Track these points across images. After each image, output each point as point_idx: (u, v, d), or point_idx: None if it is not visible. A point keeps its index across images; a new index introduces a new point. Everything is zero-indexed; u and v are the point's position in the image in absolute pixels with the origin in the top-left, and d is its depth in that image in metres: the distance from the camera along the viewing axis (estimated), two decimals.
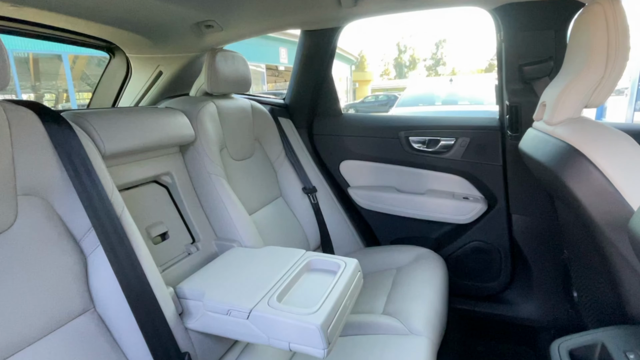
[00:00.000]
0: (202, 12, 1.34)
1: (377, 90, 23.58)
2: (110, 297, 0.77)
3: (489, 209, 1.57)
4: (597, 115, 6.67)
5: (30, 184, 0.72)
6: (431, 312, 1.12)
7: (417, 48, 49.13)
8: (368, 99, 16.34)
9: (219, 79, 1.30)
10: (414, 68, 41.11)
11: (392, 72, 41.84)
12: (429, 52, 42.44)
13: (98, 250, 0.77)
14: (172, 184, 1.14)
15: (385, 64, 43.05)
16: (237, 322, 0.81)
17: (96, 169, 0.80)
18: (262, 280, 0.90)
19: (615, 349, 0.73)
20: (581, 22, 0.93)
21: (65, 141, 0.77)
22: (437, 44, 41.02)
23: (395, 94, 16.18)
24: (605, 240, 0.79)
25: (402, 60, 41.06)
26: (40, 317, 0.67)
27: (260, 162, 1.51)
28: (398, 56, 41.26)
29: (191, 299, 0.88)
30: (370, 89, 25.75)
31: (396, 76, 40.82)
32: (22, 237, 0.69)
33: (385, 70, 42.39)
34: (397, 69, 41.30)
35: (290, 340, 0.76)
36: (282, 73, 18.19)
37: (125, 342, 0.77)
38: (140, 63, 1.68)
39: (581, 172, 0.79)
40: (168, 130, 1.08)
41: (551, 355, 0.81)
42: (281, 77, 18.41)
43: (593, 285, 1.02)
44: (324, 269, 0.99)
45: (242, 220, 1.18)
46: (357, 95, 24.12)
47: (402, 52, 40.84)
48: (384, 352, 0.97)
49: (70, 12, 1.24)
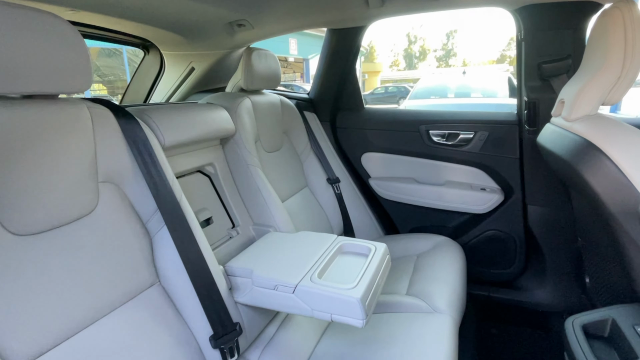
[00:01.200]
0: (235, 12, 1.43)
1: (386, 82, 23.41)
2: (173, 272, 0.88)
3: (505, 199, 1.64)
4: (612, 107, 6.62)
5: (108, 172, 0.82)
6: (452, 293, 1.21)
7: (427, 38, 48.42)
8: (377, 90, 16.27)
9: (254, 76, 1.39)
10: (424, 59, 40.63)
11: (401, 63, 41.41)
12: (439, 42, 41.83)
13: (163, 231, 0.87)
14: (214, 173, 1.24)
15: (395, 55, 42.60)
16: (284, 296, 0.91)
17: (159, 159, 0.90)
18: (302, 260, 1.00)
19: (624, 323, 0.82)
20: (600, 24, 0.99)
21: (134, 134, 0.87)
22: (448, 34, 40.34)
23: (404, 85, 16.07)
24: (618, 227, 0.87)
25: (412, 51, 40.59)
26: (118, 288, 0.78)
27: (288, 154, 1.60)
28: (408, 47, 40.77)
29: (240, 276, 0.98)
30: (379, 80, 25.57)
31: (405, 67, 40.40)
32: (103, 219, 0.79)
33: (395, 61, 41.96)
34: (407, 60, 40.85)
35: (332, 311, 0.86)
36: (290, 64, 18.19)
37: (186, 312, 0.88)
38: (174, 59, 1.78)
39: (597, 165, 0.87)
40: (213, 124, 1.17)
41: (566, 330, 0.90)
42: (290, 68, 18.40)
43: (605, 270, 1.10)
44: (356, 252, 1.08)
45: (277, 207, 1.27)
46: (367, 87, 24.00)
47: (412, 43, 40.33)
48: (411, 327, 1.07)
49: (116, 13, 1.34)
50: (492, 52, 50.64)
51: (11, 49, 0.61)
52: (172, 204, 0.89)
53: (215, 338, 0.88)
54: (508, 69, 16.65)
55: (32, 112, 0.69)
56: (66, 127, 0.74)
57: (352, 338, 1.09)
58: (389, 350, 0.99)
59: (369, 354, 0.99)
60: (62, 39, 0.69)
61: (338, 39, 1.73)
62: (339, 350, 1.05)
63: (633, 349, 0.75)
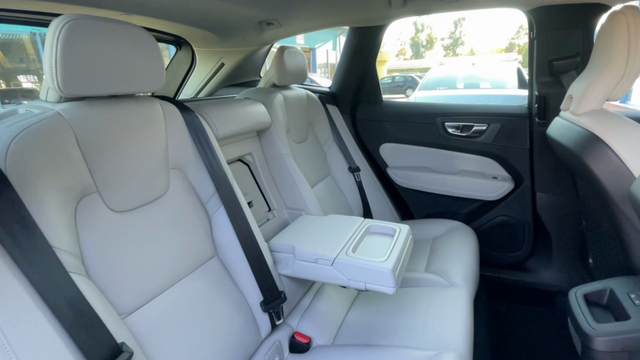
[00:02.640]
0: (266, 12, 1.54)
1: (393, 71, 23.29)
2: (229, 247, 1.02)
3: (515, 187, 1.76)
4: (622, 98, 6.63)
5: (176, 160, 0.96)
6: (467, 270, 1.35)
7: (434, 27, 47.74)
8: (384, 80, 16.21)
9: (286, 73, 1.51)
10: (431, 48, 40.20)
11: (408, 51, 41.01)
12: (447, 31, 41.27)
13: (220, 210, 1.01)
14: (252, 162, 1.37)
15: (402, 44, 42.17)
16: (323, 268, 1.05)
17: (215, 148, 1.03)
18: (336, 238, 1.14)
19: (621, 292, 0.95)
20: (606, 27, 1.10)
21: (195, 126, 1.00)
22: (456, 22, 39.81)
23: (412, 75, 16.00)
24: (617, 210, 0.99)
25: (419, 40, 40.16)
26: (187, 258, 0.92)
27: (313, 144, 1.73)
28: (415, 35, 40.33)
29: (282, 251, 1.12)
30: (385, 69, 25.43)
31: (412, 56, 40.02)
32: (173, 200, 0.93)
33: (402, 50, 41.55)
34: (414, 49, 40.45)
35: (366, 281, 1.00)
36: None
37: (240, 281, 1.02)
38: (205, 56, 1.90)
39: (601, 155, 0.99)
40: (254, 118, 1.30)
41: (569, 299, 1.03)
42: None
43: (605, 248, 1.23)
44: (382, 232, 1.22)
45: (308, 193, 1.41)
46: None
47: (419, 31, 39.89)
48: (431, 299, 1.21)
49: (160, 15, 1.46)
50: (500, 41, 49.85)
51: (103, 57, 0.74)
52: (227, 187, 1.02)
53: (265, 303, 1.02)
54: (517, 58, 16.38)
55: (118, 109, 0.82)
56: (145, 121, 0.87)
57: (377, 308, 1.23)
58: (413, 317, 1.13)
59: (396, 321, 1.13)
60: (141, 46, 0.82)
61: (360, 37, 1.84)
62: (367, 318, 1.19)
63: (626, 311, 0.88)
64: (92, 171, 0.76)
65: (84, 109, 0.76)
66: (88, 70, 0.72)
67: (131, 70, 0.80)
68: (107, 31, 0.75)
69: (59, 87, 0.69)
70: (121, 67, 0.78)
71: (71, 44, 0.69)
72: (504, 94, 4.82)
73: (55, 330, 0.57)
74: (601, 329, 0.88)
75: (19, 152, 0.62)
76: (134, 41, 0.80)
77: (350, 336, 1.13)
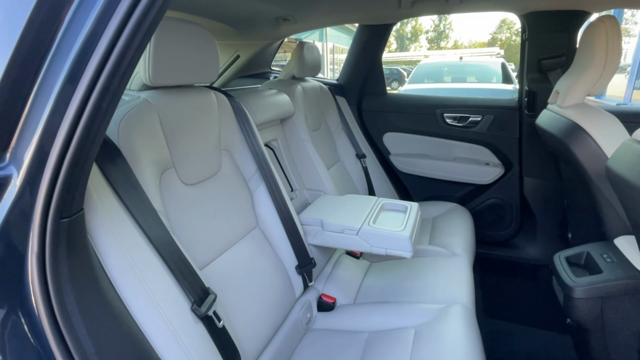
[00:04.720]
0: (284, 8, 1.67)
1: None
2: (269, 219, 1.17)
3: (505, 172, 1.97)
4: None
5: (226, 142, 1.10)
6: (466, 242, 1.54)
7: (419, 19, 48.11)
8: None
9: (304, 66, 1.66)
10: (415, 40, 40.55)
11: (393, 43, 41.25)
12: (431, 23, 41.60)
13: (261, 187, 1.16)
14: (277, 147, 1.52)
15: None
16: (349, 237, 1.22)
17: (255, 132, 1.18)
18: (357, 212, 1.31)
19: (596, 254, 1.15)
20: (588, 33, 1.29)
21: (240, 113, 1.15)
22: (440, 16, 40.27)
23: (397, 67, 16.19)
24: (594, 186, 1.19)
25: (404, 32, 40.42)
26: (238, 227, 1.07)
27: (325, 132, 1.89)
28: (400, 27, 40.57)
29: (311, 224, 1.28)
30: None
31: (397, 48, 40.28)
32: (224, 178, 1.08)
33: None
34: (399, 41, 40.73)
35: (387, 247, 1.17)
36: (284, 45, 18.02)
37: (278, 249, 1.18)
38: (222, 48, 2.02)
39: (582, 141, 1.19)
40: (282, 106, 1.45)
41: (553, 261, 1.23)
42: (281, 49, 18.19)
43: (583, 222, 1.44)
44: (395, 209, 1.39)
45: (325, 176, 1.57)
46: None
47: (405, 24, 40.10)
48: (436, 266, 1.39)
49: (179, 7, 1.56)
50: (482, 35, 50.64)
51: (181, 52, 0.88)
52: (267, 167, 1.17)
53: (299, 267, 1.18)
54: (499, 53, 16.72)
55: (185, 98, 0.96)
56: (204, 108, 1.01)
57: (389, 275, 1.41)
58: (423, 280, 1.32)
59: (408, 284, 1.32)
60: (201, 42, 0.95)
61: (369, 34, 1.99)
62: (382, 283, 1.37)
63: (600, 267, 1.09)
64: (171, 149, 0.90)
65: (164, 97, 0.90)
66: (171, 64, 0.85)
67: (197, 64, 0.94)
68: (182, 30, 0.89)
69: (150, 78, 0.82)
70: (192, 61, 0.92)
71: (160, 41, 0.82)
72: (490, 87, 5.06)
73: (167, 274, 0.72)
74: (579, 281, 1.08)
75: (128, 130, 0.76)
76: (200, 39, 0.94)
77: (369, 296, 1.31)
